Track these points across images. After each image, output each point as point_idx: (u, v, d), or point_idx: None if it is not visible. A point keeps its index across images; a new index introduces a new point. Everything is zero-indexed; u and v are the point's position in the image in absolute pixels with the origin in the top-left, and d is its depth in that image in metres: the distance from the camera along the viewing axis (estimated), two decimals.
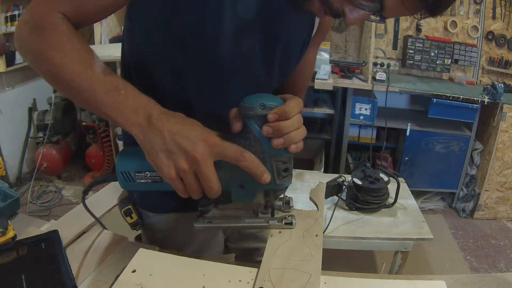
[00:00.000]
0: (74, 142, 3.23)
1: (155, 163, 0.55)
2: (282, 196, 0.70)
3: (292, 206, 0.72)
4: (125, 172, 0.61)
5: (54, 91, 2.96)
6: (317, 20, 0.78)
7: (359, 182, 1.62)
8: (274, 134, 0.58)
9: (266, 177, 0.57)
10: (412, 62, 2.99)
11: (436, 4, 0.55)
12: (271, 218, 0.69)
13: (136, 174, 0.61)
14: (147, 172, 0.60)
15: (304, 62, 0.83)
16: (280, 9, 0.66)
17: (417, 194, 2.89)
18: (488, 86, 2.66)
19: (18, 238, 0.78)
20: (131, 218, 0.88)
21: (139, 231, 0.95)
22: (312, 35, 0.80)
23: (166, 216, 0.89)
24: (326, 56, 2.68)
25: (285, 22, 0.68)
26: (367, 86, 2.69)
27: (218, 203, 0.68)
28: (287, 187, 0.64)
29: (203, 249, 0.92)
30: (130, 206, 0.87)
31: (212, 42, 0.64)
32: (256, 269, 0.62)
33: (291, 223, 0.69)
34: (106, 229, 0.86)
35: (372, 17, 0.61)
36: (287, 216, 0.70)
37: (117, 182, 0.63)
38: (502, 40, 2.96)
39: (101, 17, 0.64)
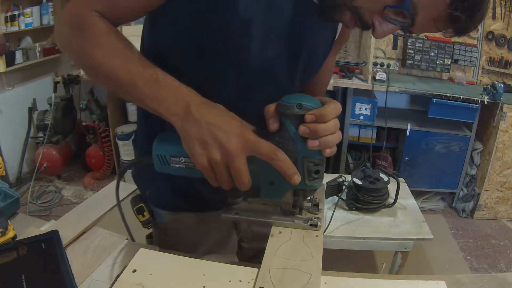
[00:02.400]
0: (74, 142, 3.24)
1: (190, 151, 0.57)
2: (311, 197, 0.70)
3: (321, 209, 0.72)
4: (161, 155, 0.63)
5: (54, 91, 2.96)
6: (339, 27, 0.78)
7: (359, 182, 1.62)
8: (310, 135, 0.58)
9: (297, 178, 0.57)
10: (412, 62, 2.99)
11: (466, 27, 0.57)
12: (297, 218, 0.69)
13: (172, 158, 0.63)
14: (182, 158, 0.62)
15: (323, 68, 0.83)
16: (308, 16, 0.66)
17: (417, 194, 2.89)
18: (488, 86, 2.66)
19: (18, 238, 0.78)
20: (143, 216, 0.88)
21: (151, 230, 0.95)
22: (334, 41, 0.80)
23: (179, 215, 0.89)
24: None
25: (311, 29, 0.69)
26: (367, 86, 2.69)
27: (248, 196, 0.69)
28: (316, 188, 0.64)
29: (216, 249, 0.92)
30: (142, 204, 0.88)
31: (240, 46, 0.64)
32: (257, 269, 0.62)
33: (316, 225, 0.68)
34: (133, 239, 0.86)
35: (399, 31, 0.62)
36: (313, 217, 0.69)
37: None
38: (502, 40, 2.96)
39: (134, 18, 0.67)
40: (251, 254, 1.03)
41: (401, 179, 1.70)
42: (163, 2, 0.62)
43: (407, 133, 2.78)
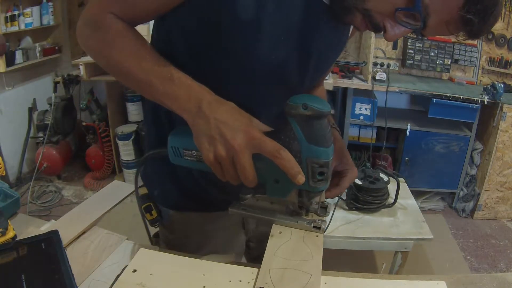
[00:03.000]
0: (74, 142, 3.23)
1: (199, 145, 0.60)
2: (318, 199, 0.70)
3: (328, 213, 0.71)
4: (175, 147, 0.66)
5: (54, 91, 2.96)
6: (351, 29, 0.78)
7: (359, 182, 1.62)
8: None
9: (300, 178, 0.57)
10: (412, 62, 2.99)
11: (478, 30, 0.56)
12: (301, 219, 0.69)
13: (184, 151, 0.66)
14: (194, 151, 0.65)
15: None
16: (319, 18, 0.66)
17: (417, 194, 2.89)
18: (488, 86, 2.66)
19: (18, 238, 0.78)
20: (151, 215, 0.89)
21: (157, 229, 0.96)
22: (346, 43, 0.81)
23: (186, 215, 0.90)
24: None
25: (323, 31, 0.69)
26: (367, 86, 2.69)
27: (256, 193, 0.70)
28: (321, 191, 0.64)
29: (224, 249, 0.92)
30: (150, 203, 0.88)
31: (249, 47, 0.65)
32: (257, 269, 0.62)
33: (319, 228, 0.68)
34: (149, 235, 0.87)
35: (411, 34, 0.62)
36: (317, 220, 0.69)
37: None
38: (502, 40, 2.96)
39: (149, 19, 0.69)
40: (258, 254, 1.03)
41: (401, 179, 1.70)
42: (178, 2, 0.63)
43: (407, 133, 2.78)
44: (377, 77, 2.72)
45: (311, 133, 0.58)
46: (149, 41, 0.75)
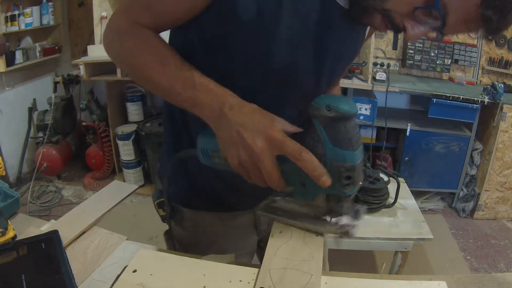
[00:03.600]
0: (74, 142, 3.23)
1: (223, 151, 0.61)
2: (349, 204, 0.66)
3: (361, 218, 0.68)
4: (204, 149, 0.67)
5: (54, 91, 2.96)
6: (367, 31, 0.77)
7: None
8: None
9: (325, 180, 0.55)
10: (412, 62, 2.99)
11: (497, 27, 0.56)
12: (329, 223, 0.66)
13: (213, 152, 0.65)
14: (222, 153, 0.64)
15: None
16: (335, 21, 0.66)
17: (417, 194, 2.89)
18: (488, 86, 2.66)
19: (18, 238, 0.78)
20: (164, 210, 0.89)
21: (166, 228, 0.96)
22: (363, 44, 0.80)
23: (199, 213, 0.90)
24: None
25: (338, 34, 0.68)
26: (367, 86, 2.68)
27: (286, 196, 0.69)
28: (349, 195, 0.61)
29: (235, 248, 0.92)
30: (163, 199, 0.88)
31: (263, 50, 0.64)
32: (257, 269, 0.62)
33: (347, 233, 0.65)
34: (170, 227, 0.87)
35: (431, 33, 0.62)
36: (345, 225, 0.65)
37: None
38: (502, 40, 2.96)
39: (174, 26, 0.70)
40: None
41: (401, 179, 1.70)
42: (201, 9, 0.63)
43: (407, 133, 2.78)
44: (377, 77, 2.72)
45: (335, 136, 0.56)
46: None
